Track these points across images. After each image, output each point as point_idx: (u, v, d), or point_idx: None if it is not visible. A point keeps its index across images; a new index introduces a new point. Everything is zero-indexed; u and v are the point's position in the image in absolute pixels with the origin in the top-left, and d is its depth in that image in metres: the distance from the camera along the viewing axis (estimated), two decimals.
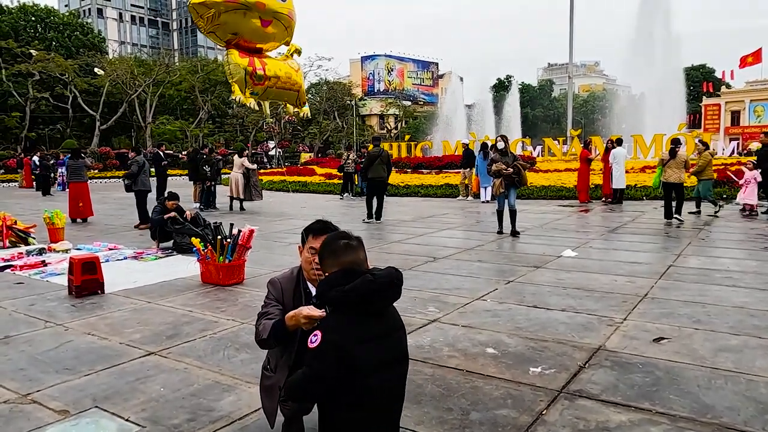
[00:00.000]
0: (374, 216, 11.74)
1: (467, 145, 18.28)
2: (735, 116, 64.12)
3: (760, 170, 11.98)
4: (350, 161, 18.82)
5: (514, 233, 9.48)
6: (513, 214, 9.63)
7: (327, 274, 2.26)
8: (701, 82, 65.97)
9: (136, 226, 11.35)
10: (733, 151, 36.90)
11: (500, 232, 9.72)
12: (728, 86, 67.11)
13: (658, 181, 11.92)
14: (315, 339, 2.13)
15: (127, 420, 3.10)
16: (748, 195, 11.98)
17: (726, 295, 5.48)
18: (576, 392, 3.36)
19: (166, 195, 9.04)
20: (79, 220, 12.46)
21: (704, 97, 65.51)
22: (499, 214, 9.85)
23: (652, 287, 5.82)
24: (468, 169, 17.03)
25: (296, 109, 12.61)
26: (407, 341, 2.39)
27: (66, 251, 8.35)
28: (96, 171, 31.39)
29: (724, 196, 14.45)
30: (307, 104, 12.85)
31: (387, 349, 2.19)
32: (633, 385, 3.45)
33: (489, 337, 4.37)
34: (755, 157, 13.03)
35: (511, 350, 4.10)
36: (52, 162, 23.95)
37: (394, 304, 2.29)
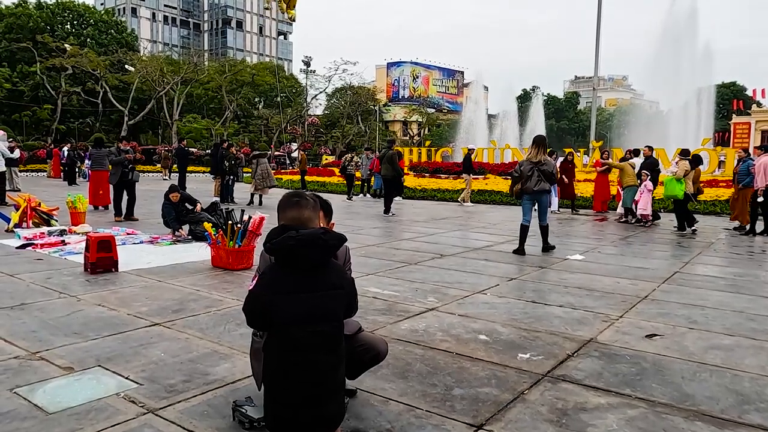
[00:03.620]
0: (384, 210, 12.30)
1: (472, 150, 18.16)
2: (766, 135, 62.82)
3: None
4: (352, 163, 18.73)
5: (546, 248, 8.20)
6: (542, 230, 8.26)
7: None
8: (731, 100, 64.84)
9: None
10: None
11: (517, 251, 8.02)
12: (759, 105, 65.89)
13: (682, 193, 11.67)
14: (252, 283, 2.44)
15: (126, 378, 3.26)
16: (642, 205, 12.20)
17: (728, 300, 5.48)
18: (560, 377, 3.44)
19: (168, 189, 9.26)
20: (100, 207, 12.82)
21: (734, 115, 64.40)
22: (523, 229, 8.08)
23: (654, 290, 5.84)
24: (468, 175, 17.08)
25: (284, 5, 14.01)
26: (344, 304, 2.39)
27: (85, 233, 8.62)
28: None
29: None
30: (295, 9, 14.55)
31: (310, 304, 2.26)
32: (617, 373, 3.51)
33: (483, 326, 4.46)
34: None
35: (503, 338, 4.18)
36: (81, 154, 24.63)
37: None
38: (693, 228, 11.02)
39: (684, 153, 11.51)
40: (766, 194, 10.40)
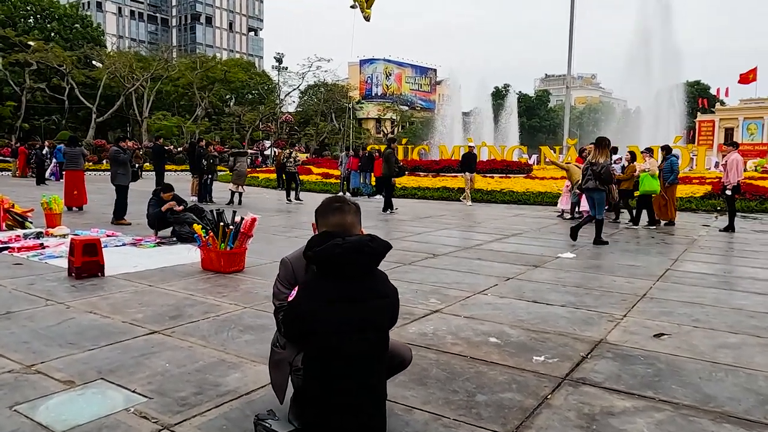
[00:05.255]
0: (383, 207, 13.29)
1: (472, 148, 17.49)
2: (729, 133, 64.65)
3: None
4: (291, 160, 17.12)
5: (597, 242, 8.84)
6: (597, 223, 8.99)
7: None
8: (696, 98, 66.58)
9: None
10: (716, 164, 37.31)
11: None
12: (722, 103, 67.84)
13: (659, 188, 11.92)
14: (292, 294, 2.29)
15: (133, 391, 3.10)
16: (565, 201, 12.82)
17: (724, 297, 5.54)
18: (579, 380, 3.40)
19: (159, 187, 9.03)
20: (74, 208, 12.40)
21: (699, 113, 66.15)
22: (585, 218, 9.31)
23: (651, 288, 5.88)
24: (467, 173, 16.68)
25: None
26: (390, 314, 2.35)
27: (64, 236, 8.31)
28: (90, 163, 31.23)
29: (718, 208, 14.59)
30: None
31: (356, 314, 2.18)
32: (635, 375, 3.48)
33: (491, 328, 4.40)
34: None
35: (514, 340, 4.13)
36: (44, 151, 23.89)
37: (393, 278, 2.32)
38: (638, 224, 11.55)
39: (666, 149, 11.77)
40: (734, 190, 10.69)
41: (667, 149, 12.14)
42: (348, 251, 2.09)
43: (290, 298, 2.23)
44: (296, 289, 2.23)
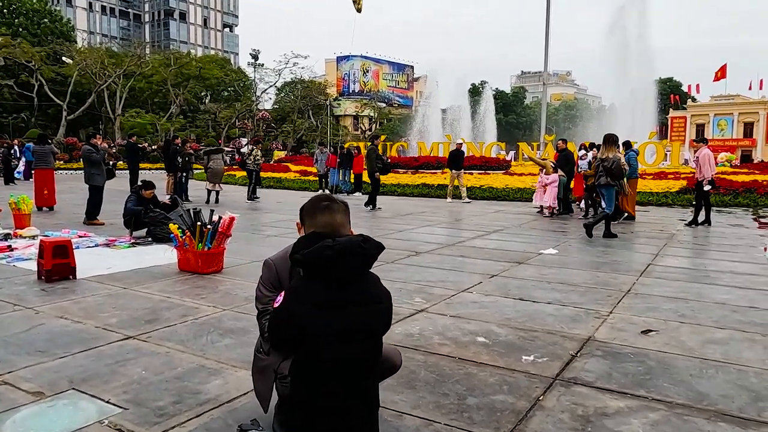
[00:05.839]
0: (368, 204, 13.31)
1: (460, 145, 17.06)
2: (700, 129, 65.98)
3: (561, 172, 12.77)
4: (251, 157, 16.33)
5: (606, 234, 9.06)
6: (605, 217, 9.24)
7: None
8: (669, 95, 67.72)
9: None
10: (686, 161, 38.03)
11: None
12: (694, 100, 69.14)
13: None
14: (278, 299, 2.14)
15: (107, 402, 2.93)
16: (540, 197, 12.91)
17: (707, 292, 5.55)
18: (570, 380, 3.33)
19: (140, 183, 8.79)
20: (44, 208, 12.01)
21: (671, 110, 67.32)
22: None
23: (635, 283, 5.87)
24: (455, 171, 16.14)
25: None
26: (384, 320, 2.25)
27: (33, 237, 8.01)
28: (62, 162, 30.46)
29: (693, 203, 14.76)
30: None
31: (347, 320, 2.05)
32: (626, 373, 3.43)
33: (478, 327, 4.32)
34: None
35: (502, 339, 4.05)
36: (13, 150, 23.20)
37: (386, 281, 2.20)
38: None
39: (626, 145, 12.10)
40: (710, 184, 10.84)
41: (626, 145, 12.26)
42: (339, 253, 1.97)
43: (276, 304, 2.09)
44: (282, 293, 2.09)
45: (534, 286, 5.74)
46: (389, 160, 17.56)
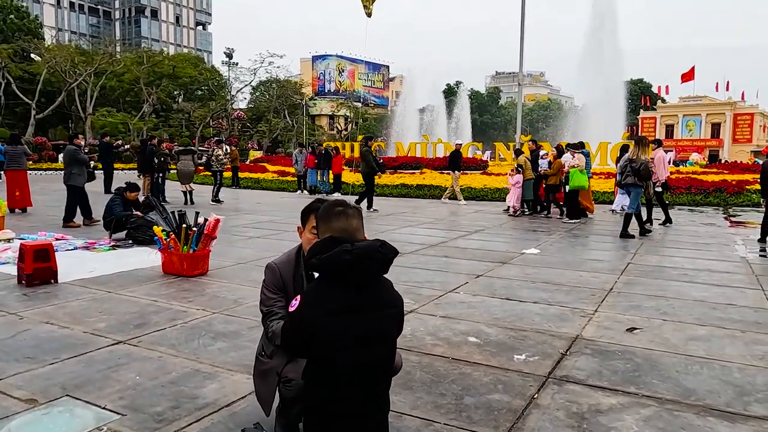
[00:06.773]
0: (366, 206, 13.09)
1: (459, 146, 16.95)
2: (669, 129, 67.60)
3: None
4: (213, 158, 16.13)
5: (623, 235, 9.21)
6: (625, 216, 9.46)
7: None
8: (639, 96, 69.14)
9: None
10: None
11: (621, 235, 9.23)
12: (663, 101, 70.73)
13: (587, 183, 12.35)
14: (294, 304, 2.14)
15: (104, 408, 2.90)
16: (511, 197, 13.16)
17: (686, 290, 5.70)
18: (563, 378, 3.40)
19: (124, 185, 8.65)
20: (17, 210, 11.73)
21: (641, 110, 68.75)
22: (626, 216, 9.53)
23: (616, 282, 6.01)
24: (456, 172, 15.97)
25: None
26: (398, 325, 2.26)
27: (9, 240, 7.82)
28: (31, 162, 29.70)
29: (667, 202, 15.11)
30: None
31: (364, 325, 2.06)
32: (616, 371, 3.52)
33: (469, 327, 4.38)
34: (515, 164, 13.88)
35: (493, 339, 4.11)
36: None
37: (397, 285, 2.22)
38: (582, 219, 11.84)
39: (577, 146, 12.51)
40: (664, 186, 11.19)
41: (579, 145, 12.80)
42: (357, 258, 1.99)
43: (292, 308, 2.10)
44: (298, 298, 2.10)
45: (519, 285, 5.83)
46: (382, 161, 17.63)
